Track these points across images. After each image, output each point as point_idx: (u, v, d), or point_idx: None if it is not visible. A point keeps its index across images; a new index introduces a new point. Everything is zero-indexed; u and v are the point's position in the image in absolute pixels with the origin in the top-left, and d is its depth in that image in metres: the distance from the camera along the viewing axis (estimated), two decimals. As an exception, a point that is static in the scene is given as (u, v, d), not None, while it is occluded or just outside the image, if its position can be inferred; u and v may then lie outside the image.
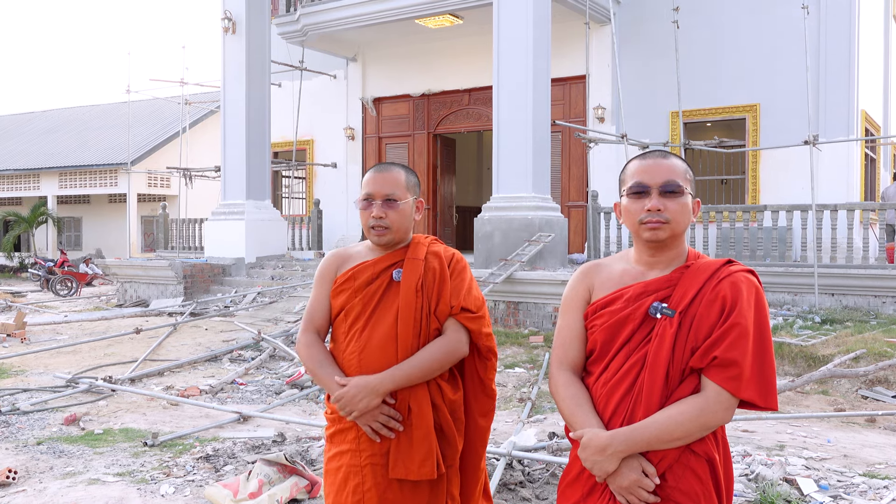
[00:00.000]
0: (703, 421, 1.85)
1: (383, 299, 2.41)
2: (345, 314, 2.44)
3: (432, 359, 2.35)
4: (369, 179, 2.49)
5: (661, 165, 1.99)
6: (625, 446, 1.86)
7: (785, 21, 12.13)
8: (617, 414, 1.94)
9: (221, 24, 14.11)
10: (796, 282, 10.16)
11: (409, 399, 2.34)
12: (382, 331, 2.37)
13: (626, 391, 1.93)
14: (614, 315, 1.98)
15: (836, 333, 8.35)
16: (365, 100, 16.65)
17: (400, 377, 2.32)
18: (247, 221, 13.93)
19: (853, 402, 6.92)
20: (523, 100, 11.09)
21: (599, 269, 2.12)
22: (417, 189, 2.54)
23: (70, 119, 30.95)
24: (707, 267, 1.97)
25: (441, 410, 2.37)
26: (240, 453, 4.85)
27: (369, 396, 2.28)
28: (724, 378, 1.85)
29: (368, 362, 2.36)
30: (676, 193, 1.96)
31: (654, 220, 1.95)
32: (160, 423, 5.88)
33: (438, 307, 2.41)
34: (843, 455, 4.95)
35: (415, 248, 2.48)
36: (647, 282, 1.99)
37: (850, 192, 11.99)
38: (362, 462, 2.32)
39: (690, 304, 1.92)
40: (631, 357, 1.95)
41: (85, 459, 4.84)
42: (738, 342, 1.85)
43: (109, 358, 8.50)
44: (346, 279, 2.45)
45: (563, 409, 2.02)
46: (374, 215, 2.42)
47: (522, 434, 5.06)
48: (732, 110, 12.79)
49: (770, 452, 4.90)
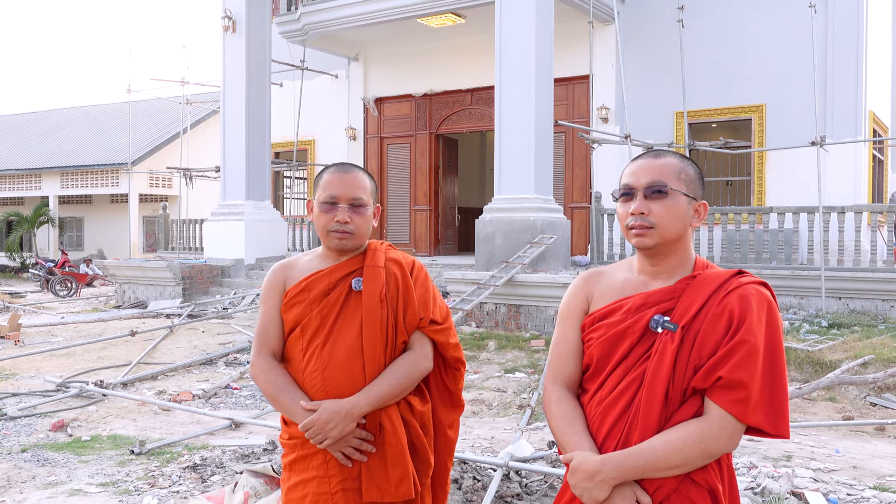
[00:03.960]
0: (705, 447, 1.68)
1: (344, 311, 2.23)
2: (301, 330, 2.24)
3: (405, 376, 2.19)
4: (333, 181, 2.27)
5: (650, 165, 1.82)
6: (616, 472, 1.69)
7: (792, 20, 11.95)
8: (611, 436, 1.77)
9: (221, 23, 13.98)
10: (803, 285, 10.00)
11: (380, 417, 2.18)
12: (346, 345, 2.19)
13: (621, 412, 1.76)
14: (612, 328, 1.81)
15: (844, 338, 8.18)
16: (366, 100, 16.51)
17: (375, 398, 2.15)
18: (246, 222, 13.79)
19: (861, 409, 6.75)
20: (525, 100, 10.94)
21: (600, 277, 1.95)
22: (377, 195, 2.39)
23: (72, 119, 30.89)
24: (715, 278, 1.80)
25: (412, 426, 2.22)
26: (228, 462, 4.70)
27: (344, 422, 2.10)
28: (729, 401, 1.68)
29: (334, 382, 2.18)
30: (662, 195, 1.78)
31: (637, 224, 1.79)
32: (150, 429, 5.74)
33: (406, 318, 2.25)
34: (852, 466, 4.78)
35: (372, 254, 2.30)
36: (649, 293, 1.82)
37: (857, 193, 11.80)
38: (332, 489, 2.14)
39: (694, 318, 1.75)
40: (629, 374, 1.78)
41: (69, 468, 4.70)
42: (746, 362, 1.68)
43: (103, 361, 8.36)
44: (300, 291, 2.26)
45: (554, 428, 1.86)
46: (338, 219, 2.22)
47: (520, 443, 4.90)
48: (738, 111, 12.62)
49: (777, 463, 4.74)
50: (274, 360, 2.27)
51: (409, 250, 15.82)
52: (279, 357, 2.30)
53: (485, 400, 6.92)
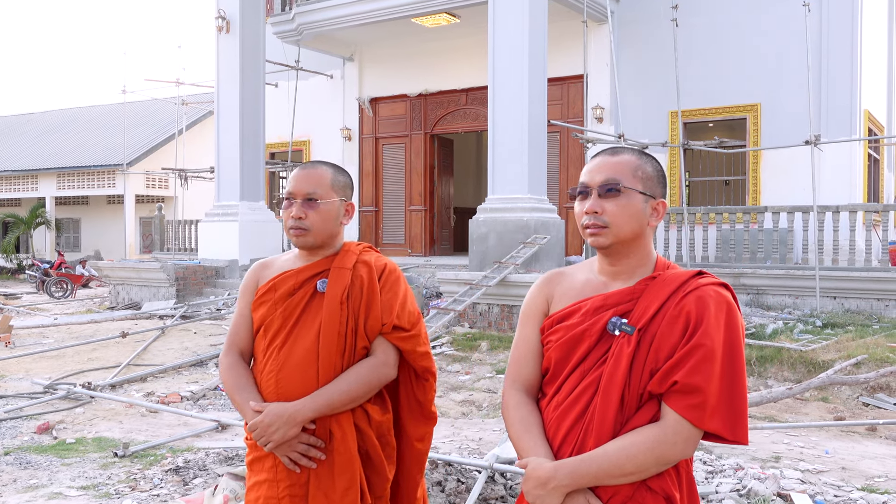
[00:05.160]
0: (660, 454, 1.63)
1: (305, 312, 2.18)
2: (264, 329, 2.21)
3: (359, 382, 2.12)
4: (292, 177, 2.24)
5: (605, 163, 1.77)
6: (569, 479, 1.64)
7: (786, 19, 11.90)
8: (566, 442, 1.72)
9: (215, 24, 13.94)
10: (797, 285, 9.96)
11: (330, 424, 2.12)
12: (303, 348, 2.14)
13: (577, 417, 1.71)
14: (570, 330, 1.76)
15: (838, 338, 8.14)
16: (362, 100, 16.47)
17: (322, 404, 2.08)
18: (240, 223, 13.75)
19: (854, 409, 6.71)
20: (519, 99, 10.90)
21: (561, 278, 1.89)
22: (349, 191, 2.30)
23: (68, 120, 30.85)
24: (673, 279, 1.74)
25: (366, 435, 2.15)
26: (211, 465, 4.66)
27: (286, 426, 2.05)
28: (685, 406, 1.63)
29: (286, 384, 2.13)
30: (616, 193, 1.73)
31: (591, 223, 1.74)
32: (136, 431, 5.70)
33: (367, 323, 2.17)
34: (841, 467, 4.74)
35: (343, 256, 2.25)
36: (608, 294, 1.77)
37: (852, 193, 11.76)
38: (280, 494, 2.09)
39: (651, 321, 1.70)
40: (585, 378, 1.73)
41: (51, 471, 4.66)
42: (702, 366, 1.62)
43: (93, 363, 8.32)
44: (267, 290, 2.23)
45: (511, 433, 1.80)
46: (293, 215, 2.18)
47: (506, 445, 4.85)
48: (733, 110, 12.58)
49: (765, 465, 4.69)
50: (239, 358, 2.24)
51: (404, 251, 15.79)
52: (248, 356, 2.27)
53: (475, 401, 6.88)
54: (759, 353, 7.91)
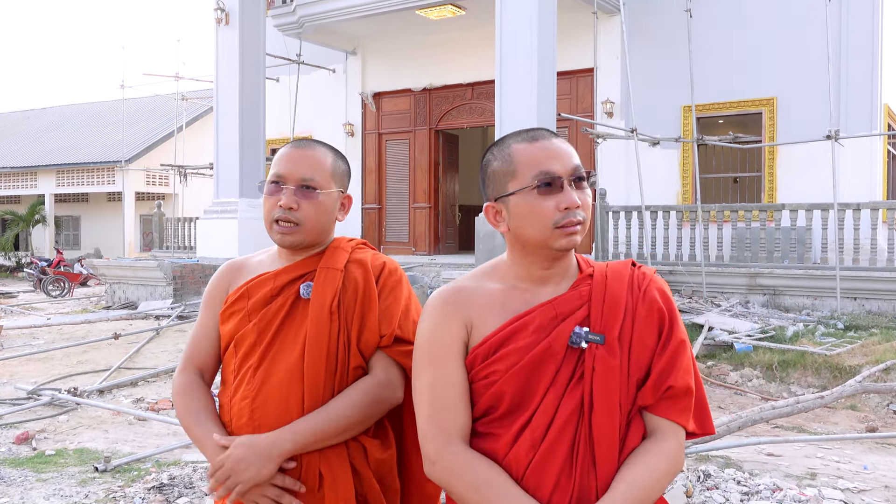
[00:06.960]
0: (675, 471, 1.44)
1: (286, 324, 1.74)
2: (234, 346, 1.77)
3: (354, 408, 1.67)
4: (283, 156, 1.78)
5: (565, 148, 1.50)
6: None
7: (804, 10, 11.48)
8: (560, 488, 1.39)
9: (214, 16, 13.56)
10: (817, 285, 9.58)
11: (319, 463, 1.67)
12: (284, 368, 1.70)
13: (567, 454, 1.40)
14: (526, 352, 1.43)
15: (863, 341, 7.76)
16: (364, 95, 16.10)
17: (305, 435, 1.64)
18: (239, 220, 13.39)
19: (885, 417, 6.34)
20: (527, 94, 10.52)
21: (471, 295, 1.51)
22: (347, 180, 1.86)
23: (67, 116, 30.54)
24: (617, 274, 1.51)
25: (365, 477, 1.71)
26: (198, 482, 4.29)
27: (258, 463, 1.59)
28: (678, 410, 1.44)
29: (263, 413, 1.69)
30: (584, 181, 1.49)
31: (573, 220, 1.44)
32: (122, 441, 5.34)
33: (363, 336, 1.74)
34: (883, 486, 4.36)
35: (332, 254, 1.80)
36: (553, 302, 1.46)
37: (872, 190, 11.36)
38: None
39: (623, 325, 1.44)
40: (562, 405, 1.42)
41: (25, 488, 4.29)
42: (688, 364, 1.47)
43: (83, 366, 7.96)
44: (237, 298, 1.80)
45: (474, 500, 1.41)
46: (282, 204, 1.74)
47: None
48: (748, 104, 12.17)
49: (801, 482, 4.31)
50: (198, 378, 1.81)
51: (408, 249, 15.42)
52: (209, 377, 1.84)
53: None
54: (780, 357, 7.54)
